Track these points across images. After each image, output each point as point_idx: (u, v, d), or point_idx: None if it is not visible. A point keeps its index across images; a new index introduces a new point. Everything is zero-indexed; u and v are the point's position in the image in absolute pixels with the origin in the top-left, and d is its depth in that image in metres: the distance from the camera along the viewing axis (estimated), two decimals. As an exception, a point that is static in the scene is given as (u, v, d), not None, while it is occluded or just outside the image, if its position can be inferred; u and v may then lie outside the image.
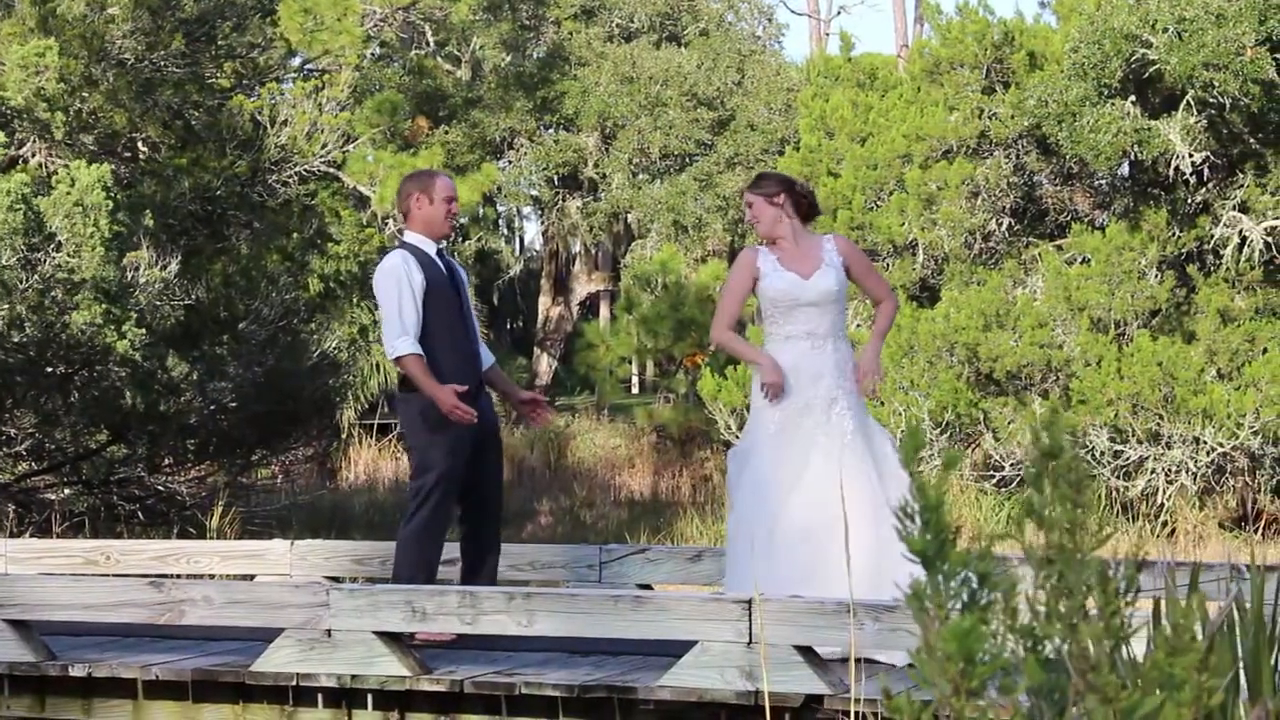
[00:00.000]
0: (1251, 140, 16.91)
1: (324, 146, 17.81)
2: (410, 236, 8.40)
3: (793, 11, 69.01)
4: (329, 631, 7.13)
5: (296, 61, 19.78)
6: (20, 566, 9.84)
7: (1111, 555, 2.44)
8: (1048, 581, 2.29)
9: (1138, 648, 2.55)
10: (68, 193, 14.31)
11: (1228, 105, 16.04)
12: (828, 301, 8.11)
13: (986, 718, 2.25)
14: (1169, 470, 16.39)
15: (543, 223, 37.87)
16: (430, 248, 8.35)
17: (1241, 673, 3.71)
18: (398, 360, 8.19)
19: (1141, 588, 2.37)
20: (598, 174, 36.69)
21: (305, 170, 17.93)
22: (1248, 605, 3.86)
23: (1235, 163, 17.24)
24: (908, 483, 2.37)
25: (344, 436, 24.64)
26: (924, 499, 2.31)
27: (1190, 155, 16.37)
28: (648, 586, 9.00)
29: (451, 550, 8.61)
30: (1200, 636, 2.31)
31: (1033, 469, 2.33)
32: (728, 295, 8.11)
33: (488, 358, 8.64)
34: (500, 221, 40.96)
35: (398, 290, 8.17)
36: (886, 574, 7.61)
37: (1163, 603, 3.43)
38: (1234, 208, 16.94)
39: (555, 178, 36.00)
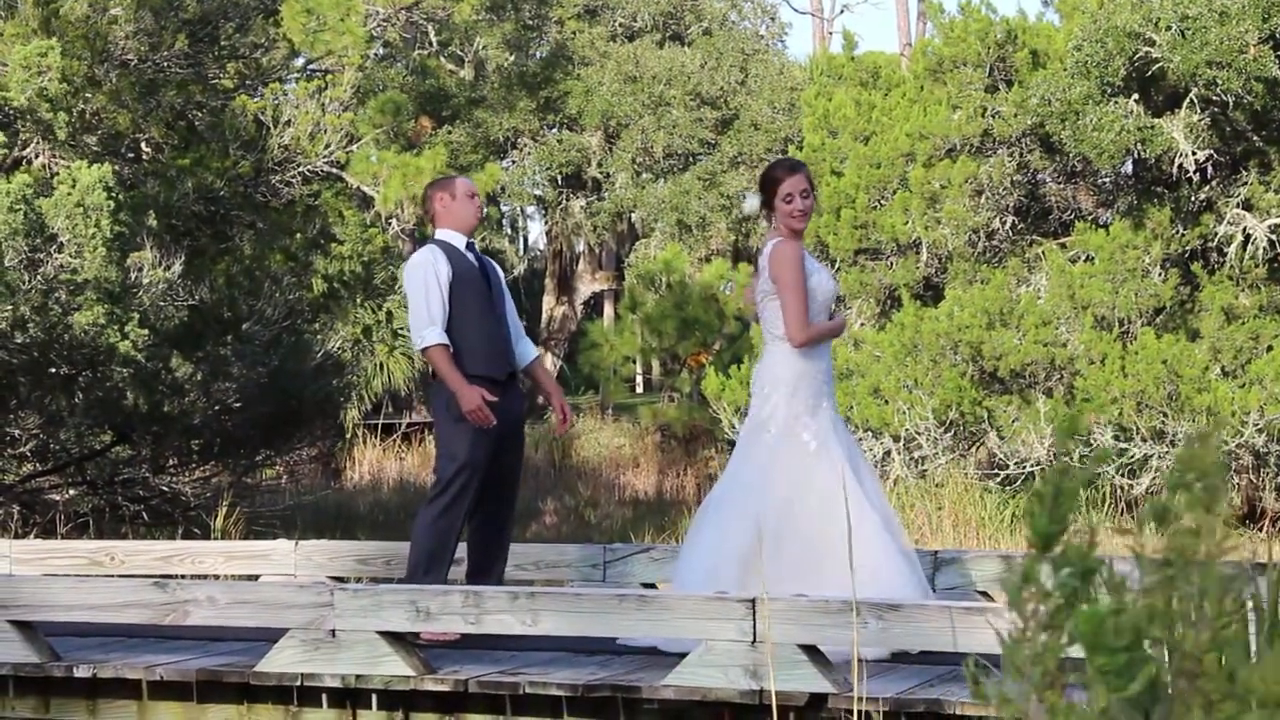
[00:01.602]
0: (1255, 138, 16.90)
1: (327, 147, 17.80)
2: (440, 233, 8.49)
3: (796, 10, 69.03)
4: (333, 631, 7.13)
5: (299, 62, 19.77)
6: (25, 567, 9.84)
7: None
8: (1162, 584, 2.26)
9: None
10: (68, 193, 14.31)
11: (1231, 103, 16.03)
12: None
13: (1076, 712, 2.22)
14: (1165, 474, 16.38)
15: (546, 222, 37.88)
16: (460, 241, 8.45)
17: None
18: (423, 350, 8.28)
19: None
20: (601, 173, 36.68)
21: (308, 170, 17.92)
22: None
23: (1239, 160, 17.23)
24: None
25: (348, 436, 24.65)
26: (1057, 480, 2.27)
27: (1194, 153, 16.35)
28: (652, 586, 9.00)
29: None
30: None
31: (1177, 474, 2.30)
32: (799, 293, 7.74)
33: (529, 352, 8.68)
34: (504, 221, 41.01)
35: (424, 282, 8.24)
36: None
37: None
38: (1238, 205, 16.93)
39: (559, 177, 36.02)
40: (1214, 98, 16.01)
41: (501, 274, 8.75)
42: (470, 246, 8.49)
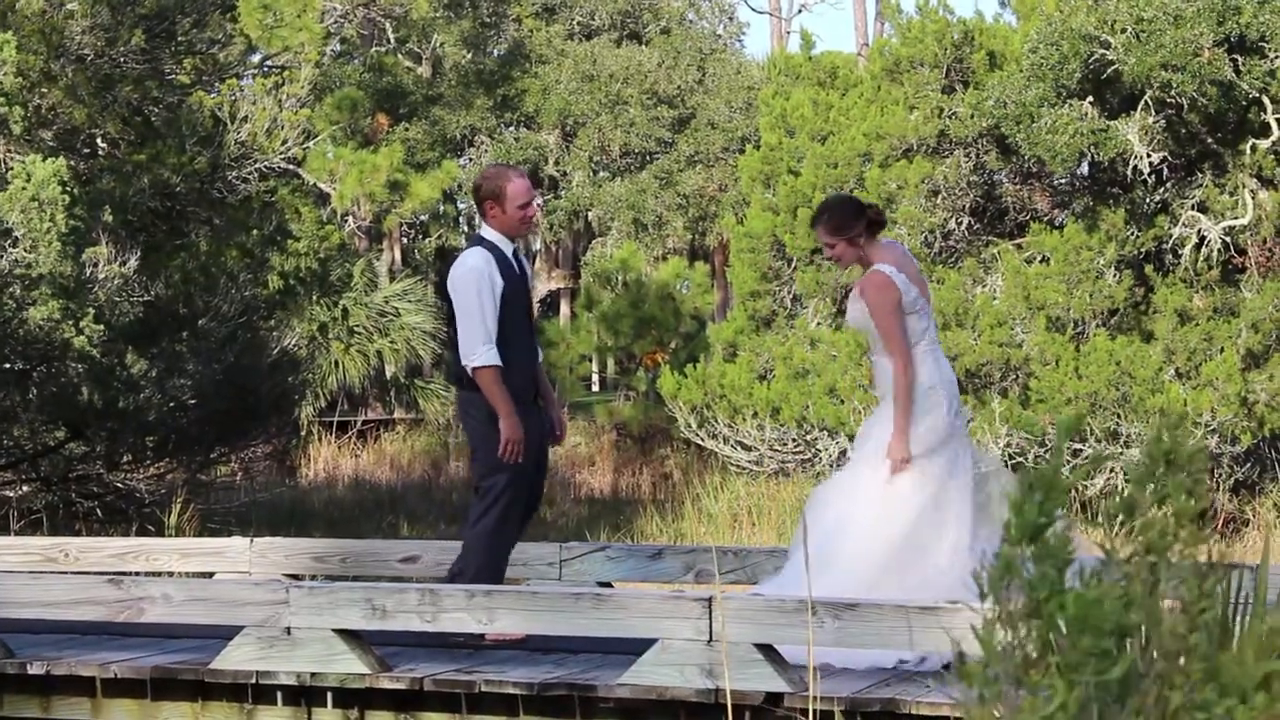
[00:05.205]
0: (1209, 140, 16.99)
1: (284, 143, 17.75)
2: (488, 233, 8.14)
3: (754, 10, 69.09)
4: (288, 629, 7.12)
5: (256, 58, 19.70)
6: (-22, 564, 9.79)
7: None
8: (1139, 571, 2.28)
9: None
10: (23, 188, 14.23)
11: (1185, 106, 16.11)
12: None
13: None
14: (1128, 469, 16.47)
15: (503, 220, 37.82)
16: (508, 248, 8.12)
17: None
18: (475, 370, 7.91)
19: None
20: (558, 172, 36.67)
21: (265, 167, 17.86)
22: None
23: (1193, 163, 17.32)
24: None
25: (303, 434, 24.59)
26: (1047, 477, 2.29)
27: (1148, 155, 16.43)
28: (608, 584, 9.01)
29: (410, 548, 8.58)
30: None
31: (1146, 464, 2.32)
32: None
33: (536, 354, 8.43)
34: (460, 219, 40.97)
35: (479, 293, 7.93)
36: None
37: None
38: (1192, 207, 17.01)
39: (516, 175, 35.95)
40: (1169, 100, 16.09)
41: (531, 277, 8.51)
42: (516, 253, 8.19)
